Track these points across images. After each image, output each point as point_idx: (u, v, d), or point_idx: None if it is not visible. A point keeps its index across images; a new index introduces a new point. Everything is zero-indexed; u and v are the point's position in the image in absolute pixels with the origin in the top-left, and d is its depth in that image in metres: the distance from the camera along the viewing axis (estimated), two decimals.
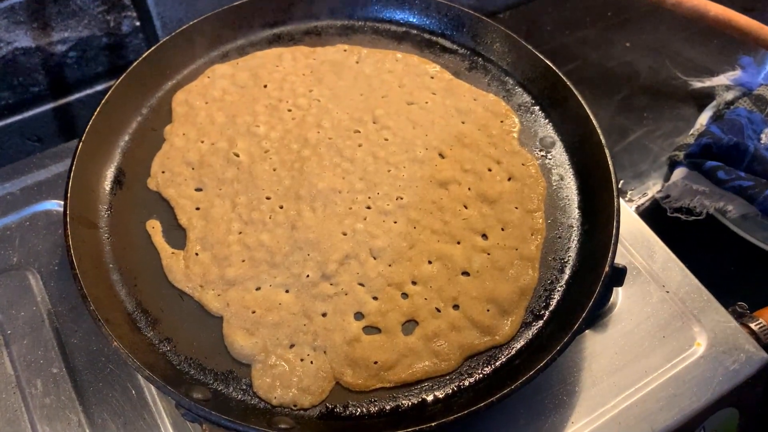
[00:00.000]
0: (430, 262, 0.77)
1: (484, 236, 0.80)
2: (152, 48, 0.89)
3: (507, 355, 0.72)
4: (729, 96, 1.15)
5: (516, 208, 0.81)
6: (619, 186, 1.00)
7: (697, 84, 1.21)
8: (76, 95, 1.11)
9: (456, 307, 0.74)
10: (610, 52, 1.31)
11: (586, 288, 0.72)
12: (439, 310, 0.74)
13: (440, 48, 0.98)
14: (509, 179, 0.84)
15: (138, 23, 1.07)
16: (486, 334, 0.73)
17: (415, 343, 0.72)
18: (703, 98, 1.19)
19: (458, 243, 0.79)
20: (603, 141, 0.81)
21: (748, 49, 1.19)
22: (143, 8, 1.05)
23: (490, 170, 0.84)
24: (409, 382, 0.70)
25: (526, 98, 0.93)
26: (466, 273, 0.77)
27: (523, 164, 0.85)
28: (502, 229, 0.80)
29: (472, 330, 0.73)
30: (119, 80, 0.86)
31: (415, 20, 1.00)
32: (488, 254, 0.78)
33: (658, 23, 1.35)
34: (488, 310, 0.74)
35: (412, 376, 0.70)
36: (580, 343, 0.79)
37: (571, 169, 0.86)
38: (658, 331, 0.81)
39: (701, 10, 1.14)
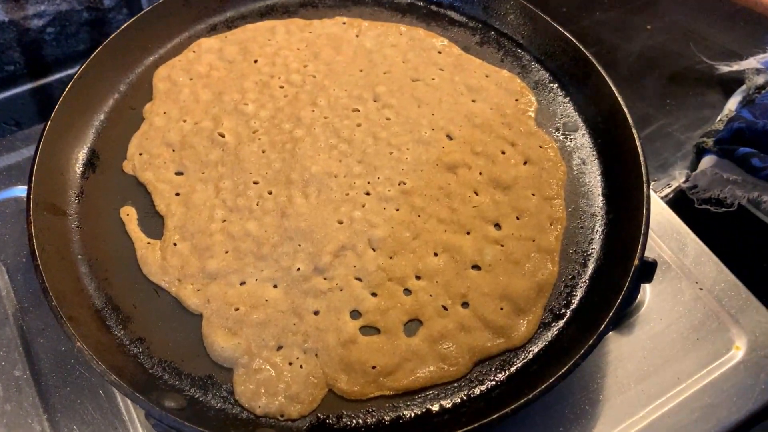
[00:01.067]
0: (436, 255, 0.72)
1: (497, 226, 0.74)
2: (132, 19, 0.85)
3: (523, 359, 0.68)
4: (760, 80, 1.11)
5: (533, 194, 0.76)
6: None
7: (725, 68, 1.17)
8: (56, 75, 1.07)
9: (465, 305, 0.69)
10: (631, 36, 1.26)
11: (613, 284, 0.68)
12: (446, 308, 0.69)
13: (448, 20, 0.94)
14: (525, 163, 0.79)
15: None
16: (499, 335, 0.67)
17: (418, 346, 0.66)
18: (731, 83, 1.14)
19: (468, 233, 0.73)
20: (630, 120, 0.77)
21: None
22: None
23: (503, 153, 0.79)
24: (411, 390, 0.65)
25: (544, 75, 0.88)
26: (476, 267, 0.71)
27: (540, 146, 0.80)
28: (518, 218, 0.74)
29: (484, 331, 0.68)
30: (95, 54, 0.83)
31: None
32: (501, 246, 0.72)
33: (681, 5, 1.31)
34: (502, 309, 0.69)
35: (416, 382, 0.65)
36: (604, 345, 0.75)
37: (593, 153, 0.81)
38: (692, 332, 0.77)
39: None
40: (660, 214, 0.86)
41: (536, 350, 0.68)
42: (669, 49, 1.24)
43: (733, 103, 1.07)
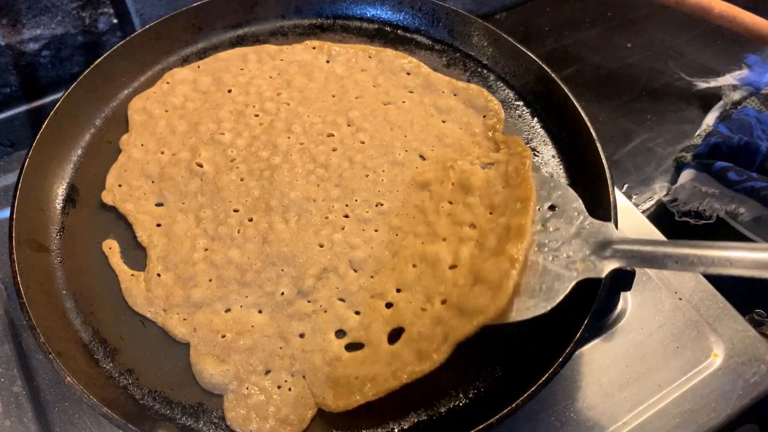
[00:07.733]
0: (414, 266, 0.76)
1: (472, 225, 0.77)
2: (105, 54, 0.90)
3: (503, 370, 0.72)
4: (736, 96, 1.17)
5: (502, 187, 0.78)
6: (624, 190, 1.02)
7: (703, 85, 1.23)
8: (51, 97, 1.11)
9: (443, 302, 0.71)
10: (611, 54, 1.34)
11: (586, 293, 0.69)
12: (424, 310, 0.72)
13: (415, 44, 0.99)
14: (493, 164, 0.82)
15: (115, 20, 1.07)
16: (474, 316, 0.67)
17: (399, 349, 0.70)
18: (709, 99, 1.21)
19: (444, 240, 0.77)
20: (593, 133, 0.82)
21: (754, 48, 1.21)
22: (121, 4, 1.05)
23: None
24: (393, 389, 0.67)
25: (509, 94, 0.94)
26: (453, 267, 0.74)
27: (508, 148, 0.84)
28: (490, 213, 0.77)
29: (460, 318, 0.68)
30: (69, 90, 0.87)
31: (387, 16, 1.01)
32: (477, 240, 0.75)
33: (660, 23, 1.39)
34: (476, 291, 0.69)
35: (396, 381, 0.67)
36: (587, 354, 0.80)
37: (561, 166, 0.87)
38: (672, 341, 0.81)
39: (705, 7, 1.16)
40: (639, 226, 0.91)
41: (515, 362, 0.71)
42: (649, 66, 1.30)
43: (710, 119, 1.14)
